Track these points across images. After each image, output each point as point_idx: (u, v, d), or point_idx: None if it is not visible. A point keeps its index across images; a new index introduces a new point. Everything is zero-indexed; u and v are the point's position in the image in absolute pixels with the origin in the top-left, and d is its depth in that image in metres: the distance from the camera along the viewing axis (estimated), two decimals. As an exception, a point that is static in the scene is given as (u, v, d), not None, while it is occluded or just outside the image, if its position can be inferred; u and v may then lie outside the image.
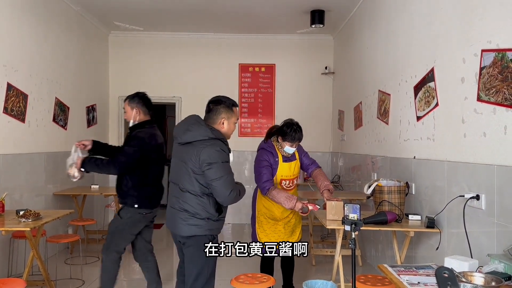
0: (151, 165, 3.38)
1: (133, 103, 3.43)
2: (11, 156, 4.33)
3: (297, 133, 3.43)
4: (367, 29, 5.34)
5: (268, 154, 3.48)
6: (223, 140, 2.67)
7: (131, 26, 6.92)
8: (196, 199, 2.64)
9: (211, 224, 2.67)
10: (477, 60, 2.74)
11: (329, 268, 4.65)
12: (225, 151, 2.62)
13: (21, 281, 2.85)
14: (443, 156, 3.22)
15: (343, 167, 6.58)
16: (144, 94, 3.50)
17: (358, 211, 2.56)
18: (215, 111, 2.72)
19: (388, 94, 4.44)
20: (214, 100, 2.76)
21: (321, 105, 7.39)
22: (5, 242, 4.16)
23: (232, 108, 2.76)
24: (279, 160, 3.49)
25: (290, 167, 3.54)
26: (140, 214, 3.39)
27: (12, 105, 4.35)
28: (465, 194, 2.81)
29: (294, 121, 3.51)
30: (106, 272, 3.42)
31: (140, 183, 3.34)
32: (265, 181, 3.37)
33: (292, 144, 3.46)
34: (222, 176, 2.56)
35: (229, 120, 2.75)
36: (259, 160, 3.49)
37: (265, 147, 3.55)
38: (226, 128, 2.75)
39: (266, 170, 3.41)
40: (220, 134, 2.68)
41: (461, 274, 1.98)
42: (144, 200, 3.37)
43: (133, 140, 3.30)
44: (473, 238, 2.74)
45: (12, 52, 4.37)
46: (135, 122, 3.43)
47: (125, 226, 3.39)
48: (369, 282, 2.95)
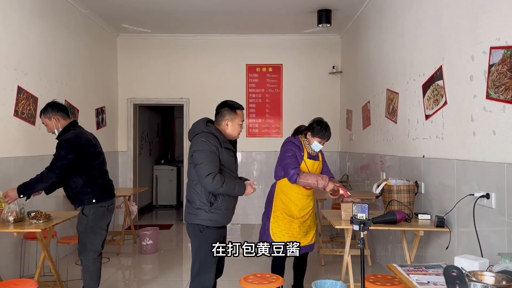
0: (91, 160, 3.45)
1: (48, 114, 3.46)
2: (22, 159, 4.38)
3: (326, 131, 3.52)
4: (374, 28, 5.32)
5: (295, 146, 3.54)
6: (215, 134, 2.88)
7: (139, 29, 6.97)
8: (193, 188, 2.90)
9: (203, 214, 2.86)
10: (485, 58, 2.72)
11: (338, 268, 4.64)
12: (210, 142, 2.82)
13: (33, 282, 2.88)
14: (452, 155, 3.20)
15: (351, 166, 6.56)
16: (53, 101, 3.54)
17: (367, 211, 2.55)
18: (220, 114, 2.99)
19: (397, 92, 4.42)
20: (220, 104, 3.03)
21: (329, 105, 7.38)
22: (17, 244, 4.21)
23: (235, 110, 2.98)
24: (304, 155, 3.53)
25: (314, 165, 3.57)
26: (103, 207, 3.47)
27: (22, 108, 4.40)
28: (475, 193, 2.78)
29: (324, 120, 3.60)
30: (87, 273, 3.47)
31: (89, 180, 3.42)
32: (293, 168, 3.41)
33: (321, 140, 3.52)
34: (202, 162, 2.78)
35: (233, 122, 2.98)
36: (285, 150, 3.54)
37: (292, 140, 3.61)
38: (231, 129, 2.99)
39: (293, 159, 3.47)
40: (215, 130, 2.90)
41: (472, 273, 1.96)
42: (100, 193, 3.45)
43: (62, 144, 3.35)
44: (483, 237, 2.72)
45: (22, 56, 4.43)
46: (59, 130, 3.47)
47: (93, 223, 3.44)
48: (379, 282, 2.94)
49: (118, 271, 4.84)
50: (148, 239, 5.45)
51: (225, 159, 2.89)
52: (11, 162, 4.18)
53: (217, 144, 2.85)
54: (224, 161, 2.89)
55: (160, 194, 9.22)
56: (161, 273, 4.81)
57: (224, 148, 2.89)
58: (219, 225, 2.93)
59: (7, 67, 4.14)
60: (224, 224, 2.98)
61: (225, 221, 2.97)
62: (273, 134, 7.43)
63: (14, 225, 3.31)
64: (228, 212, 2.96)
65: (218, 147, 2.85)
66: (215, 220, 2.89)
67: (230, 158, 2.94)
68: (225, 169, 2.90)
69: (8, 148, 4.17)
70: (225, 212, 2.93)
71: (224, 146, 2.90)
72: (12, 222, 3.32)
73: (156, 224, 7.23)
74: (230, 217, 3.01)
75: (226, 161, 2.90)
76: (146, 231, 5.51)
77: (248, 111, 7.45)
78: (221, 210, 2.89)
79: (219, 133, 2.92)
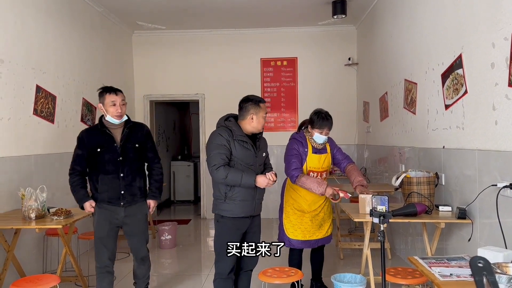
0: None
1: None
2: (42, 156, 4.46)
3: (324, 120, 3.43)
4: (390, 18, 5.23)
5: (298, 143, 3.50)
6: (229, 127, 2.99)
7: (153, 25, 6.99)
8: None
9: (219, 204, 3.01)
10: (507, 44, 2.64)
11: (357, 261, 4.60)
12: (222, 135, 2.94)
13: (55, 277, 2.94)
14: (473, 145, 3.13)
15: (369, 159, 6.49)
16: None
17: (387, 203, 2.52)
18: (244, 108, 3.04)
19: (415, 83, 4.34)
20: (243, 99, 3.09)
21: (345, 97, 7.30)
22: (39, 240, 4.29)
23: (259, 104, 3.05)
24: (309, 151, 3.48)
25: (320, 159, 3.51)
26: None
27: (41, 107, 4.47)
28: (498, 183, 2.71)
29: (323, 110, 3.52)
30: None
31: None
32: (293, 169, 3.38)
33: (321, 131, 3.44)
34: (210, 154, 2.95)
35: (257, 115, 3.03)
36: (288, 149, 3.52)
37: (295, 136, 3.58)
38: (256, 122, 3.04)
39: (295, 158, 3.43)
40: (233, 124, 3.01)
41: (496, 265, 1.92)
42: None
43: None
44: (507, 228, 2.65)
45: (40, 55, 4.49)
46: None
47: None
48: (399, 275, 2.90)
49: (138, 266, 4.90)
50: (167, 234, 5.50)
51: (238, 151, 2.94)
52: (31, 160, 4.26)
53: (229, 137, 2.94)
54: (237, 154, 2.95)
55: (177, 190, 9.30)
56: (180, 267, 4.84)
57: (237, 140, 2.95)
58: (234, 215, 2.98)
59: (25, 66, 4.21)
60: (241, 215, 3.00)
61: (242, 212, 2.99)
62: (289, 128, 7.39)
63: (36, 221, 3.37)
64: (245, 204, 2.99)
65: (229, 140, 2.93)
66: (230, 210, 2.97)
67: (245, 151, 2.97)
68: (239, 161, 2.95)
69: (28, 146, 4.24)
70: (241, 203, 2.97)
71: (238, 139, 2.96)
72: (34, 219, 3.38)
73: (174, 219, 7.29)
74: (248, 208, 3.02)
75: (240, 154, 2.95)
76: (164, 226, 5.57)
77: (263, 105, 7.42)
78: (235, 201, 2.96)
79: (236, 127, 3.00)
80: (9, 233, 3.60)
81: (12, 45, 4.02)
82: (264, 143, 3.19)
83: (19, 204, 3.70)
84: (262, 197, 3.14)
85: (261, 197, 3.12)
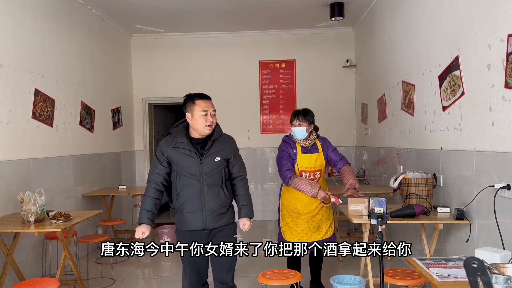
0: None
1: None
2: (41, 160, 4.46)
3: (294, 114, 3.53)
4: (388, 20, 5.25)
5: (287, 145, 3.56)
6: (173, 134, 2.76)
7: (152, 28, 7.01)
8: None
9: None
10: (503, 46, 2.66)
11: (356, 263, 4.60)
12: (161, 145, 2.76)
13: (55, 280, 2.94)
14: (471, 146, 3.14)
15: (368, 161, 6.50)
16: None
17: (384, 205, 2.53)
18: (183, 109, 2.81)
19: (412, 84, 4.35)
20: None
21: (344, 99, 7.31)
22: (38, 243, 4.29)
23: (193, 100, 2.74)
24: (298, 152, 3.52)
25: (311, 159, 3.52)
26: None
27: (40, 110, 4.47)
28: (495, 184, 2.73)
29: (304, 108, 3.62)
30: None
31: None
32: (285, 170, 3.41)
33: (294, 123, 3.52)
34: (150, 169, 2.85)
35: (193, 113, 2.72)
36: (279, 152, 3.58)
37: (285, 139, 3.64)
38: (193, 123, 2.73)
39: (286, 160, 3.47)
40: (178, 130, 2.78)
41: (493, 266, 1.93)
42: None
43: None
44: (505, 229, 2.66)
45: (38, 59, 4.50)
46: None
47: None
48: (398, 276, 2.91)
49: (137, 269, 4.89)
50: (166, 237, 5.51)
51: (177, 159, 2.71)
52: (30, 164, 4.26)
53: (167, 146, 2.74)
54: (177, 162, 2.71)
55: (177, 193, 9.27)
56: (180, 270, 4.83)
57: (174, 148, 2.71)
58: (184, 228, 2.79)
59: (24, 70, 4.22)
60: (189, 229, 2.76)
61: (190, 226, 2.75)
62: (288, 130, 7.38)
63: (35, 225, 3.37)
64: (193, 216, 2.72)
65: (166, 150, 2.73)
66: (179, 222, 2.84)
67: (187, 158, 2.69)
68: (181, 170, 2.71)
69: (27, 150, 4.25)
70: (189, 215, 2.73)
71: (178, 146, 2.70)
72: (33, 222, 3.39)
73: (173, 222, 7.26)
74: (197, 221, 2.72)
75: (179, 161, 2.70)
76: (164, 229, 5.57)
77: (262, 107, 7.44)
78: (182, 213, 2.77)
79: (181, 132, 2.75)
80: (8, 237, 3.60)
81: (10, 49, 4.03)
82: (221, 146, 2.76)
83: (18, 208, 3.70)
84: (217, 209, 2.75)
85: (214, 209, 2.73)
